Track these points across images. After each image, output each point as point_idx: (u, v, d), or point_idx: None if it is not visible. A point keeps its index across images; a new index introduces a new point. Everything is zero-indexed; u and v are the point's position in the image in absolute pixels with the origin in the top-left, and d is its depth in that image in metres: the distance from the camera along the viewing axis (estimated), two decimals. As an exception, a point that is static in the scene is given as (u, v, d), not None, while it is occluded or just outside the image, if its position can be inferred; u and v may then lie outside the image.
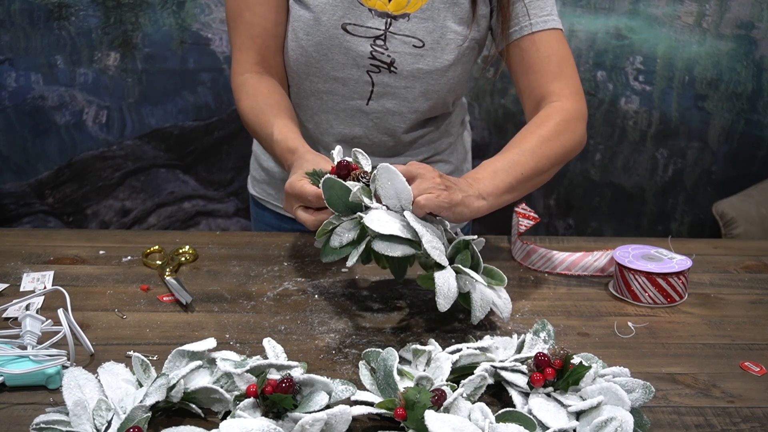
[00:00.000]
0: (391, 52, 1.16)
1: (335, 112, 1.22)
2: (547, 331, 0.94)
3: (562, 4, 2.36)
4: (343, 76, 1.19)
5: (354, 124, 1.23)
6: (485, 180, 1.03)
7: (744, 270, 1.23)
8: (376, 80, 1.18)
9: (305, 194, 0.94)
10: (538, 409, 0.80)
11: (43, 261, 1.20)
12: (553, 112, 1.15)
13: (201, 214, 2.54)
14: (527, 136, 1.12)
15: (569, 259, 1.19)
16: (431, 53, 1.16)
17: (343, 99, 1.21)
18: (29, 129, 2.43)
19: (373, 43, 1.16)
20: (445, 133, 1.31)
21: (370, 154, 1.23)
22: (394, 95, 1.19)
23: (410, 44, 1.16)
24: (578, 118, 1.16)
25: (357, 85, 1.19)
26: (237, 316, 1.04)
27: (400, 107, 1.20)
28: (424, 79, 1.18)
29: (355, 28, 1.16)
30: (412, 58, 1.16)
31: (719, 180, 2.52)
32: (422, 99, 1.20)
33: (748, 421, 0.84)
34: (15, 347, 0.91)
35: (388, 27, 1.16)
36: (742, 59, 2.40)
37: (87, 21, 2.33)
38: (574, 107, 1.16)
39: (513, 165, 1.06)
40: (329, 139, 1.25)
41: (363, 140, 1.24)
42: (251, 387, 0.79)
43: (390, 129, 1.23)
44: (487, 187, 1.02)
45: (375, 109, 1.21)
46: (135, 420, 0.76)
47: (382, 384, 0.83)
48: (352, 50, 1.16)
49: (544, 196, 2.57)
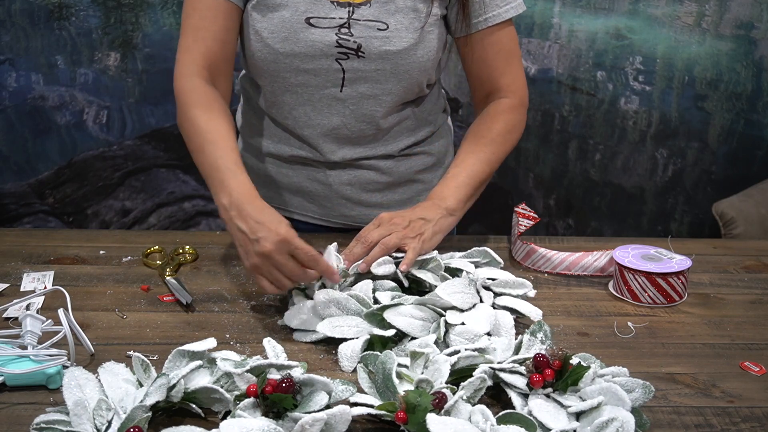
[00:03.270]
0: (356, 37, 1.17)
1: (311, 104, 1.23)
2: (544, 332, 0.94)
3: (562, 4, 2.36)
4: (313, 67, 1.20)
5: (332, 114, 1.24)
6: (450, 197, 1.16)
7: (744, 270, 1.23)
8: (345, 67, 1.19)
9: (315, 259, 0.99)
10: (538, 410, 0.80)
11: (43, 261, 1.20)
12: (503, 109, 1.26)
13: (201, 214, 2.54)
14: (482, 140, 1.23)
15: (569, 259, 1.19)
16: (396, 33, 1.18)
17: (317, 89, 1.22)
18: (29, 129, 2.43)
19: (338, 31, 1.17)
20: (425, 121, 1.32)
21: (351, 145, 1.27)
22: (366, 79, 1.21)
23: (375, 28, 1.17)
24: (522, 113, 1.28)
25: (328, 74, 1.21)
26: (237, 316, 1.04)
27: (374, 90, 1.22)
28: (392, 60, 1.19)
29: (319, 21, 1.17)
30: (378, 41, 1.18)
31: (719, 180, 2.52)
32: (394, 80, 1.21)
33: (747, 420, 0.84)
34: (15, 347, 0.91)
35: (351, 15, 1.17)
36: (741, 59, 2.40)
37: (87, 21, 2.33)
38: (521, 102, 1.28)
39: (472, 176, 1.19)
40: (309, 132, 1.25)
41: (342, 130, 1.25)
42: (251, 387, 0.79)
43: (368, 115, 1.24)
44: (452, 204, 1.16)
45: (350, 95, 1.22)
46: (135, 420, 0.76)
47: (381, 387, 0.83)
48: (318, 41, 1.17)
49: (544, 196, 2.57)
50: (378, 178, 1.31)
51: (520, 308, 1.02)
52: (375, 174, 1.30)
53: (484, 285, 1.05)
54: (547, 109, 2.46)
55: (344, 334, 0.94)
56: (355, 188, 1.30)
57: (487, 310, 1.00)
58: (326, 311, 0.97)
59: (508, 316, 0.99)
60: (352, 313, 0.97)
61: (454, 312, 0.98)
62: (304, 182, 1.31)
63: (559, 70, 2.42)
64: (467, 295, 1.00)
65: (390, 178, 1.31)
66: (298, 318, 0.98)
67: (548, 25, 2.39)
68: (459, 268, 1.08)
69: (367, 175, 1.30)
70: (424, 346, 0.90)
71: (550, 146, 2.51)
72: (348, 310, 0.97)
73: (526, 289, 1.05)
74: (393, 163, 1.31)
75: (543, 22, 2.38)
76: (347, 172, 1.29)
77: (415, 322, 0.95)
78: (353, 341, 0.93)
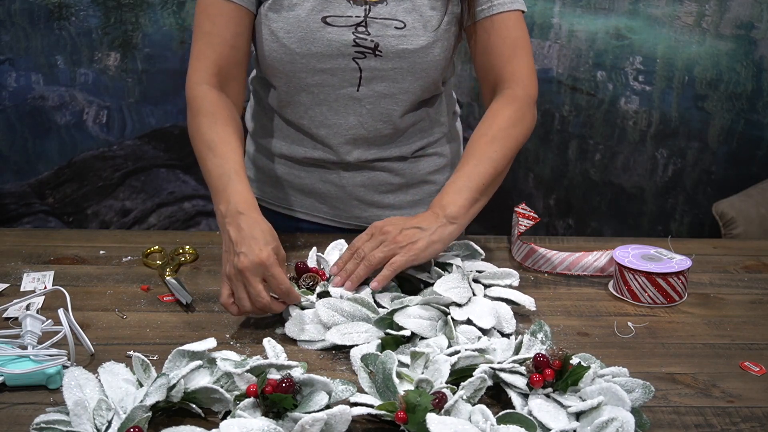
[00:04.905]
0: (374, 36, 1.17)
1: (328, 103, 1.23)
2: (544, 332, 0.94)
3: (562, 4, 2.36)
4: (330, 66, 1.19)
5: (348, 113, 1.23)
6: (451, 204, 1.10)
7: (744, 270, 1.23)
8: (363, 66, 1.19)
9: (284, 282, 0.99)
10: (538, 410, 0.80)
11: (43, 261, 1.20)
12: (504, 103, 1.20)
13: (201, 214, 2.54)
14: (482, 140, 1.17)
15: (569, 259, 1.19)
16: (413, 32, 1.18)
17: (333, 89, 1.22)
18: (29, 129, 2.43)
19: (354, 30, 1.17)
20: (437, 122, 1.32)
21: (367, 146, 1.27)
22: (383, 78, 1.20)
23: (392, 26, 1.17)
24: (528, 104, 1.22)
25: (345, 73, 1.20)
26: (237, 316, 1.04)
27: (391, 89, 1.21)
28: (410, 59, 1.19)
29: (335, 19, 1.17)
30: (395, 39, 1.18)
31: (719, 180, 2.52)
32: (411, 79, 1.21)
33: (747, 420, 0.84)
34: (15, 347, 0.91)
35: (368, 13, 1.17)
36: (741, 59, 2.40)
37: (87, 21, 2.34)
38: (525, 92, 1.21)
39: (474, 178, 1.13)
40: (325, 132, 1.25)
41: (359, 130, 1.25)
42: (251, 387, 0.79)
43: (385, 114, 1.23)
44: (454, 211, 1.09)
45: (366, 95, 1.22)
46: (135, 420, 0.76)
47: (381, 387, 0.83)
48: (335, 41, 1.17)
49: (544, 196, 2.57)
50: (391, 180, 1.31)
51: (514, 298, 1.04)
52: (388, 175, 1.30)
53: (473, 278, 1.07)
54: (547, 109, 2.46)
55: (354, 341, 0.94)
56: (369, 189, 1.30)
57: (486, 303, 1.01)
58: (331, 320, 0.97)
59: (505, 307, 1.01)
60: (357, 319, 0.97)
61: (454, 308, 0.98)
62: (316, 184, 1.31)
63: (559, 70, 2.42)
64: (462, 290, 1.01)
65: (403, 179, 1.31)
66: (301, 328, 0.98)
67: (548, 25, 2.39)
68: (448, 263, 1.08)
69: (381, 177, 1.30)
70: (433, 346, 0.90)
71: (550, 146, 2.51)
72: (353, 316, 0.97)
73: (513, 278, 1.08)
74: (406, 165, 1.31)
75: (543, 22, 2.38)
76: (361, 173, 1.29)
77: (423, 323, 0.96)
78: (365, 346, 0.93)
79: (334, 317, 0.97)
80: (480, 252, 1.14)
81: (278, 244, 1.01)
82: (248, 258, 0.97)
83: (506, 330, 0.99)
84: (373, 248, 1.05)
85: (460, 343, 0.93)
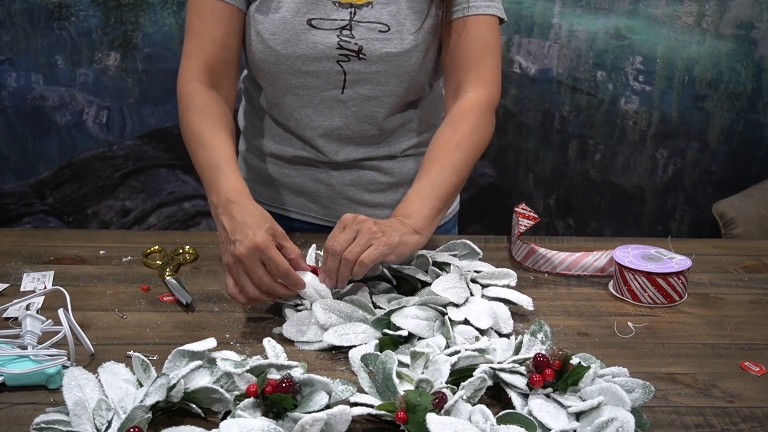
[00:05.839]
0: (358, 39, 1.17)
1: (313, 105, 1.23)
2: (544, 332, 0.94)
3: (562, 4, 2.36)
4: (315, 69, 1.20)
5: (333, 115, 1.24)
6: (415, 214, 1.07)
7: (744, 270, 1.23)
8: (347, 68, 1.20)
9: (283, 264, 0.98)
10: (538, 410, 0.80)
11: (43, 261, 1.20)
12: (468, 108, 1.19)
13: (201, 214, 2.54)
14: (443, 147, 1.15)
15: (569, 259, 1.19)
16: (397, 35, 1.18)
17: (318, 91, 1.22)
18: (29, 129, 2.43)
19: (339, 33, 1.17)
20: (428, 123, 1.32)
21: (354, 145, 1.27)
22: (367, 81, 1.21)
23: (376, 30, 1.17)
24: (489, 110, 1.21)
25: (330, 76, 1.21)
26: (237, 316, 1.04)
27: (375, 92, 1.22)
28: (393, 62, 1.19)
29: (321, 22, 1.17)
30: (379, 42, 1.18)
31: (719, 180, 2.52)
32: (395, 81, 1.21)
33: (747, 420, 0.84)
34: (15, 347, 0.91)
35: (353, 17, 1.17)
36: (741, 59, 2.40)
37: (87, 21, 2.34)
38: (487, 98, 1.20)
39: (437, 187, 1.11)
40: (311, 133, 1.26)
41: (344, 131, 1.25)
42: (251, 387, 0.79)
43: (369, 116, 1.24)
44: (418, 221, 1.07)
45: (351, 97, 1.22)
46: (135, 420, 0.76)
47: (381, 387, 0.83)
48: (319, 43, 1.18)
49: (544, 196, 2.57)
50: (381, 179, 1.31)
51: (511, 298, 1.04)
52: (378, 174, 1.30)
53: (471, 278, 1.07)
54: (547, 109, 2.46)
55: (352, 342, 0.94)
56: (358, 188, 1.30)
57: (484, 303, 1.01)
58: (328, 321, 0.97)
59: (503, 307, 1.01)
60: (354, 319, 0.97)
61: (452, 308, 0.98)
62: (306, 182, 1.31)
63: (559, 70, 2.42)
64: (460, 290, 1.01)
65: (392, 178, 1.31)
66: (299, 329, 0.98)
67: (548, 25, 2.39)
68: (446, 262, 1.08)
69: (370, 176, 1.30)
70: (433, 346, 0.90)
71: (550, 146, 2.51)
72: (350, 317, 0.97)
73: (511, 278, 1.08)
74: (395, 164, 1.31)
75: (543, 22, 2.38)
76: (350, 172, 1.29)
77: (421, 323, 0.96)
78: (363, 346, 0.93)
79: (331, 318, 0.97)
80: (478, 252, 1.14)
81: (272, 225, 1.00)
82: (243, 245, 0.97)
83: (504, 330, 0.99)
84: (348, 241, 1.01)
85: (457, 343, 0.93)
